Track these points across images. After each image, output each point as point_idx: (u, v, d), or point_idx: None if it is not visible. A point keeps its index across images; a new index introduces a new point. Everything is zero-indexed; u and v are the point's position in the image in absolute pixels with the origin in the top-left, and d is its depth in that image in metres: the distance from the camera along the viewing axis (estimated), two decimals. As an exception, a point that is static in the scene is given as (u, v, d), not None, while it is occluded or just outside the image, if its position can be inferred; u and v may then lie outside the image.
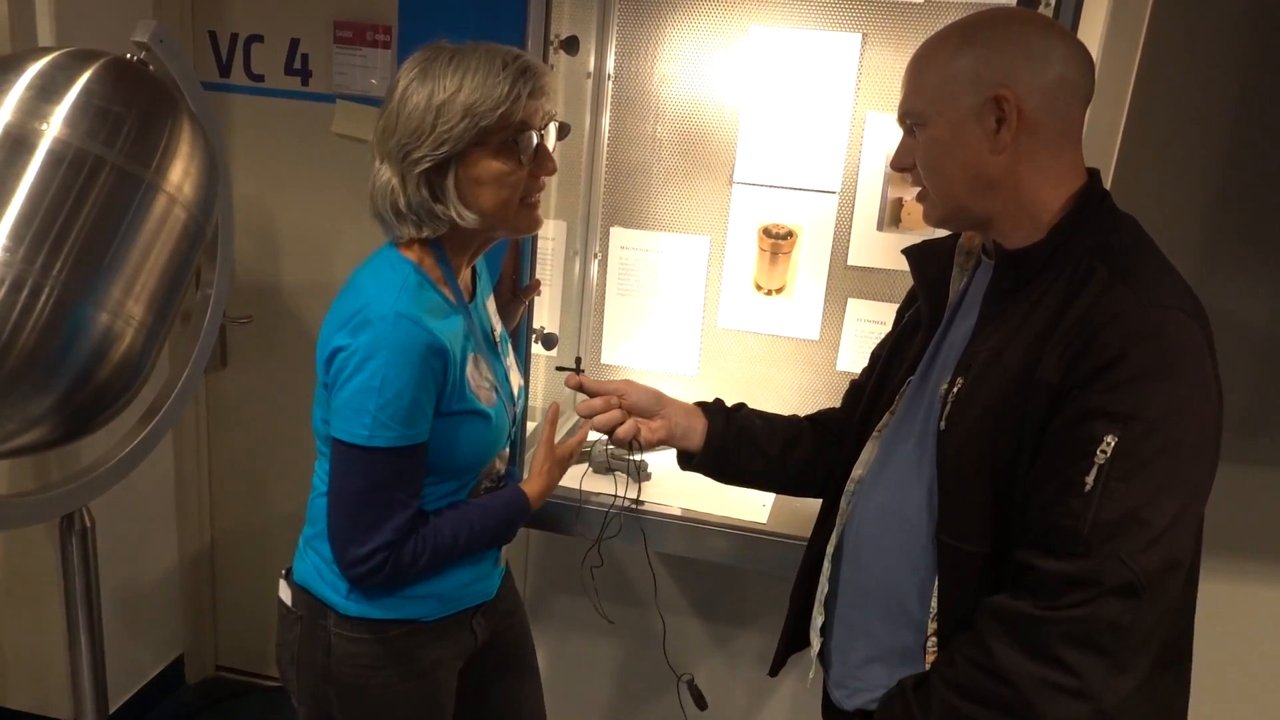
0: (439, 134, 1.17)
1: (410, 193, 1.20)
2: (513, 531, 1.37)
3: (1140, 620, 0.97)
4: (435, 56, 1.20)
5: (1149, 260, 1.06)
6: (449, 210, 1.21)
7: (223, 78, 2.23)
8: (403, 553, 1.22)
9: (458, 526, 1.28)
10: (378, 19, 2.12)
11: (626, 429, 1.35)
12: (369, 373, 1.15)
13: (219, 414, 2.47)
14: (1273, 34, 1.61)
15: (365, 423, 1.16)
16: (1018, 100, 1.03)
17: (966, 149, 1.06)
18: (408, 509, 1.21)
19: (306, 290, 2.34)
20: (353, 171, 2.14)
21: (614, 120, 1.92)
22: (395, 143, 1.19)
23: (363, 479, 1.19)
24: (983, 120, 1.04)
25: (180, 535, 2.50)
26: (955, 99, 1.06)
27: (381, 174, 1.22)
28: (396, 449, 1.17)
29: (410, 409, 1.16)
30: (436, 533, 1.25)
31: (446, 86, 1.17)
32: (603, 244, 1.98)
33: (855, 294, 1.89)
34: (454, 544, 1.27)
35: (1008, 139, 1.04)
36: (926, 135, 1.09)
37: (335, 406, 1.20)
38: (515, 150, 1.21)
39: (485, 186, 1.21)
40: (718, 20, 1.83)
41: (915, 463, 1.17)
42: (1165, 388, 0.96)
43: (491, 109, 1.17)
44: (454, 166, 1.20)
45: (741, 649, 2.16)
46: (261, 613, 2.58)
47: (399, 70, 1.22)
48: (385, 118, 1.21)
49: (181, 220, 1.46)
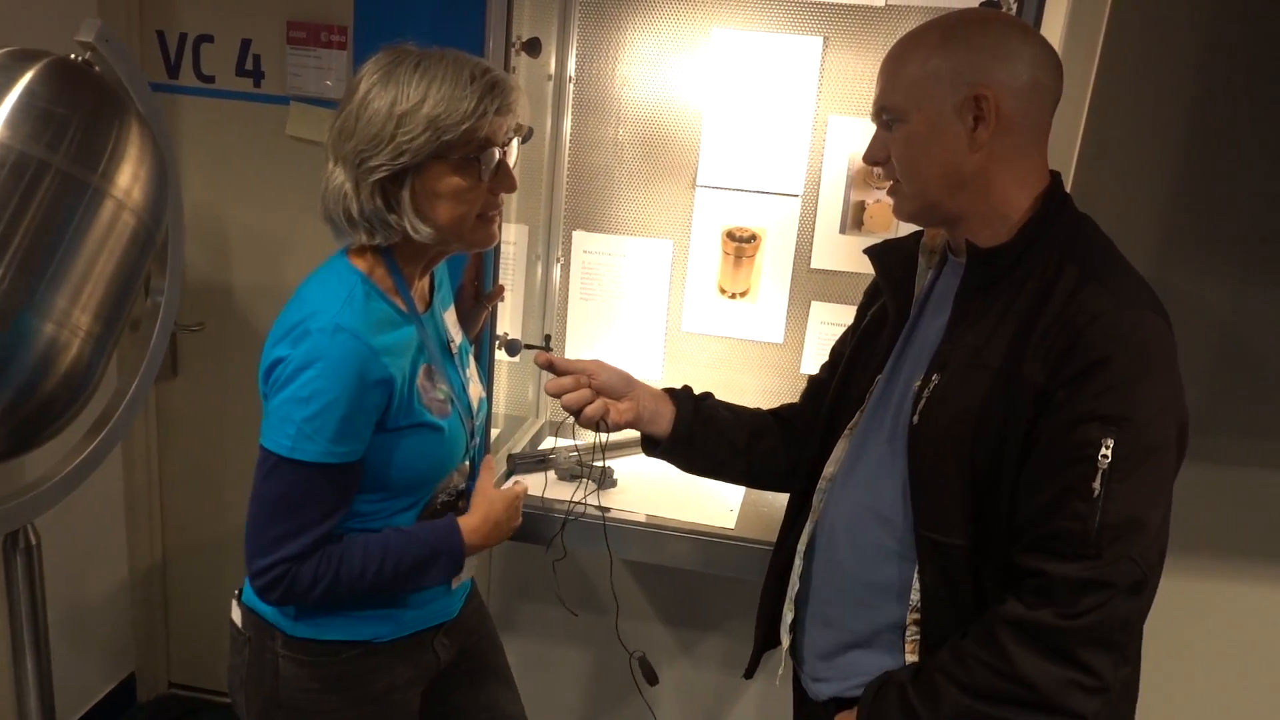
0: (398, 144, 1.12)
1: (364, 200, 1.16)
2: (436, 572, 1.24)
3: (1142, 612, 1.02)
4: (400, 60, 1.15)
5: (1114, 260, 1.09)
6: (403, 221, 1.17)
7: (171, 79, 2.17)
8: (302, 573, 1.16)
9: (369, 559, 1.19)
10: (332, 19, 2.07)
11: (595, 408, 1.33)
12: (300, 383, 1.12)
13: (169, 425, 2.40)
14: (1227, 37, 1.64)
15: (289, 433, 1.12)
16: (996, 100, 1.04)
17: (944, 146, 1.08)
18: (318, 528, 1.16)
19: (259, 296, 2.29)
20: (307, 175, 2.09)
21: (575, 123, 1.90)
22: (351, 148, 1.15)
23: (277, 489, 1.15)
24: (961, 118, 1.06)
25: (130, 550, 2.43)
26: (935, 96, 1.07)
27: (335, 177, 1.17)
28: (318, 465, 1.13)
29: (339, 426, 1.12)
30: (344, 559, 1.18)
31: (410, 95, 1.12)
32: (565, 248, 1.96)
33: (818, 297, 1.90)
34: (362, 575, 1.19)
35: (985, 138, 1.06)
36: (904, 131, 1.10)
37: (265, 414, 1.16)
38: (476, 167, 1.17)
39: (442, 200, 1.17)
40: (679, 23, 1.82)
41: (888, 459, 1.18)
42: (1148, 388, 0.99)
43: (456, 124, 1.13)
44: (411, 177, 1.15)
45: (710, 652, 2.15)
46: (215, 628, 2.50)
47: (360, 70, 1.18)
48: (343, 119, 1.16)
49: (130, 226, 1.41)
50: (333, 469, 1.14)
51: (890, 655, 1.17)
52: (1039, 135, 1.10)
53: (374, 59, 1.18)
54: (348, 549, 1.18)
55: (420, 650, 1.35)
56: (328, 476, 1.15)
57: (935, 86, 1.07)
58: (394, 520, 1.26)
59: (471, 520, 1.29)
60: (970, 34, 1.07)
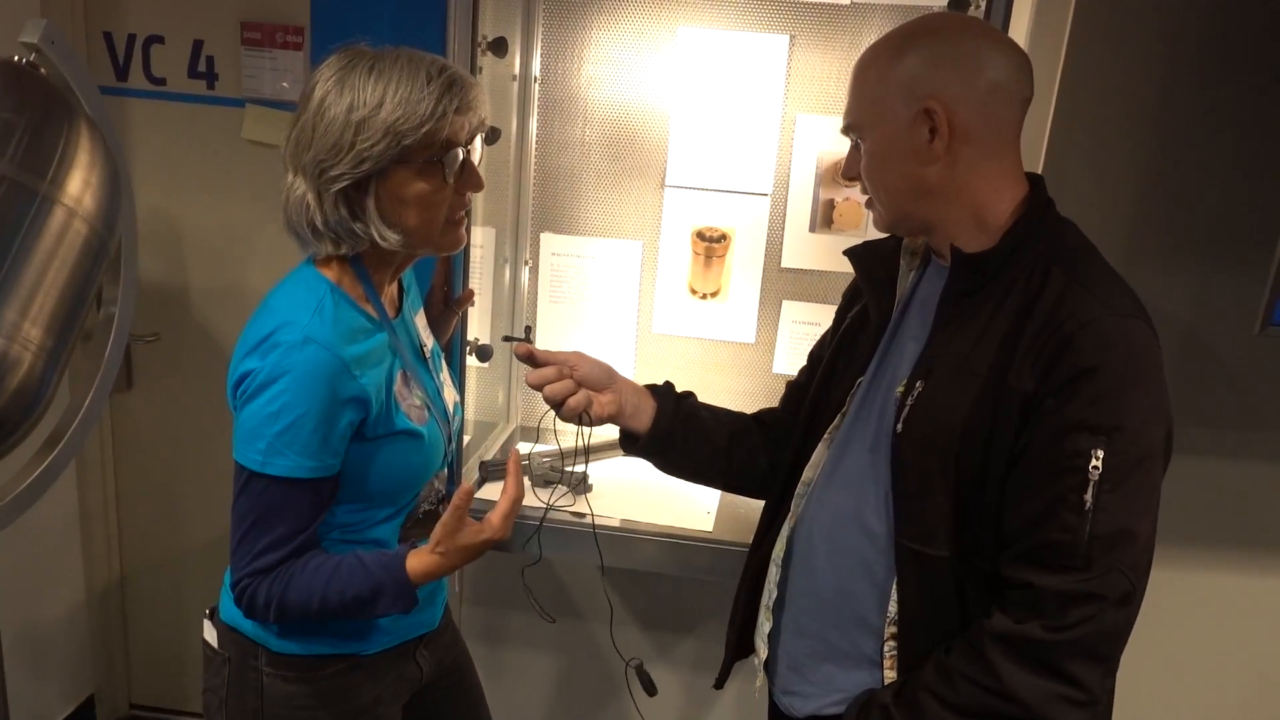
0: (359, 152, 1.09)
1: (327, 210, 1.12)
2: (384, 605, 1.16)
3: (1129, 624, 1.01)
4: (354, 64, 1.12)
5: (1099, 265, 1.09)
6: (369, 230, 1.14)
7: (120, 81, 2.11)
8: (259, 590, 1.14)
9: (313, 586, 1.13)
10: (288, 19, 2.02)
11: (578, 400, 1.30)
12: (268, 397, 1.09)
13: (125, 439, 2.33)
14: (1191, 37, 1.66)
15: (260, 448, 1.10)
16: (948, 111, 1.04)
17: (903, 160, 1.08)
18: (288, 544, 1.13)
19: (217, 304, 2.23)
20: (264, 179, 2.05)
21: (542, 124, 1.88)
22: (311, 158, 1.11)
23: (249, 504, 1.13)
24: (915, 132, 1.06)
25: (87, 569, 2.36)
26: (889, 112, 1.07)
27: (295, 188, 1.14)
28: (289, 480, 1.10)
29: (309, 440, 1.10)
30: (292, 583, 1.13)
31: (367, 100, 1.09)
32: (533, 250, 1.94)
33: (790, 296, 1.89)
34: (308, 601, 1.13)
35: (940, 150, 1.06)
36: (866, 148, 1.11)
37: (236, 427, 1.14)
38: (440, 169, 1.14)
39: (408, 206, 1.14)
40: (645, 22, 1.80)
41: (870, 466, 1.16)
42: (1138, 396, 0.99)
43: (415, 127, 1.10)
44: (374, 184, 1.12)
45: (689, 658, 2.13)
46: (177, 647, 2.46)
47: (314, 75, 1.14)
48: (299, 129, 1.13)
49: (82, 234, 1.36)
50: (304, 484, 1.12)
51: (868, 672, 1.15)
52: (1005, 139, 1.09)
53: (327, 63, 1.14)
54: (299, 571, 1.14)
55: (404, 662, 1.32)
56: (299, 490, 1.12)
57: (890, 101, 1.07)
58: (377, 530, 1.24)
59: (423, 562, 1.17)
60: (924, 44, 1.07)
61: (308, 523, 1.14)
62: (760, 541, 1.36)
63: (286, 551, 1.13)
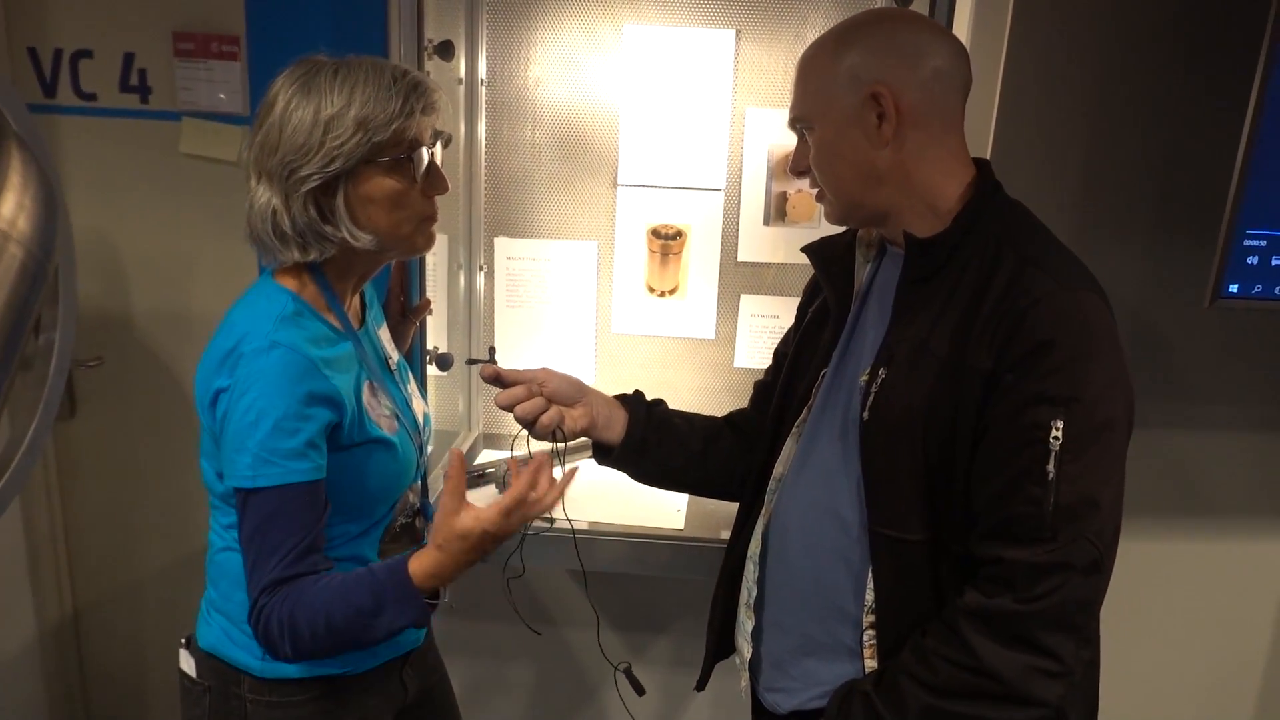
0: (329, 149, 1.09)
1: (296, 213, 1.11)
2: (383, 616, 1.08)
3: (1100, 592, 1.02)
4: (316, 70, 1.12)
5: (1050, 242, 1.11)
6: (340, 232, 1.13)
7: (48, 98, 2.03)
8: (271, 617, 1.07)
9: (318, 606, 1.07)
10: (222, 29, 1.97)
11: (550, 417, 1.29)
12: (244, 408, 1.07)
13: (70, 467, 2.25)
14: (1130, 27, 1.70)
15: (247, 463, 1.07)
16: (894, 95, 1.06)
17: (853, 147, 1.09)
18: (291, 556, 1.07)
19: (162, 324, 2.16)
20: (206, 193, 2.00)
21: (490, 127, 1.85)
22: (278, 160, 1.10)
23: (251, 525, 1.09)
24: (864, 118, 1.08)
25: (37, 603, 2.27)
26: (836, 100, 1.09)
27: (260, 195, 1.12)
28: (281, 488, 1.07)
29: (292, 441, 1.07)
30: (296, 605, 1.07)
31: (334, 101, 1.09)
32: (487, 255, 1.91)
33: (747, 290, 1.90)
34: (315, 622, 1.06)
35: (889, 134, 1.07)
36: (815, 138, 1.12)
37: (221, 449, 1.10)
38: (410, 167, 1.14)
39: (377, 206, 1.14)
40: (590, 20, 1.79)
41: (840, 455, 1.16)
42: (1094, 367, 1.00)
43: (385, 123, 1.10)
44: (344, 185, 1.12)
45: (664, 659, 2.13)
46: (136, 678, 2.38)
47: (272, 86, 1.13)
48: (263, 134, 1.11)
49: (18, 259, 1.31)
50: (298, 489, 1.08)
51: (850, 662, 1.16)
52: (951, 123, 1.11)
53: (286, 73, 1.13)
54: (308, 587, 1.08)
55: (389, 681, 1.30)
56: (295, 495, 1.08)
57: (836, 90, 1.08)
58: (354, 546, 1.21)
59: (426, 562, 1.10)
60: (864, 34, 1.09)
61: (310, 528, 1.10)
62: (735, 540, 1.36)
63: (293, 559, 1.08)
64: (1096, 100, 1.74)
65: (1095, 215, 1.80)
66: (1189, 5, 1.69)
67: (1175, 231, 1.80)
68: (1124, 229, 1.81)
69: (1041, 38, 1.70)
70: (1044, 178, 1.78)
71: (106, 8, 1.96)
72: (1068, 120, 1.75)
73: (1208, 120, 1.73)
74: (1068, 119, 1.75)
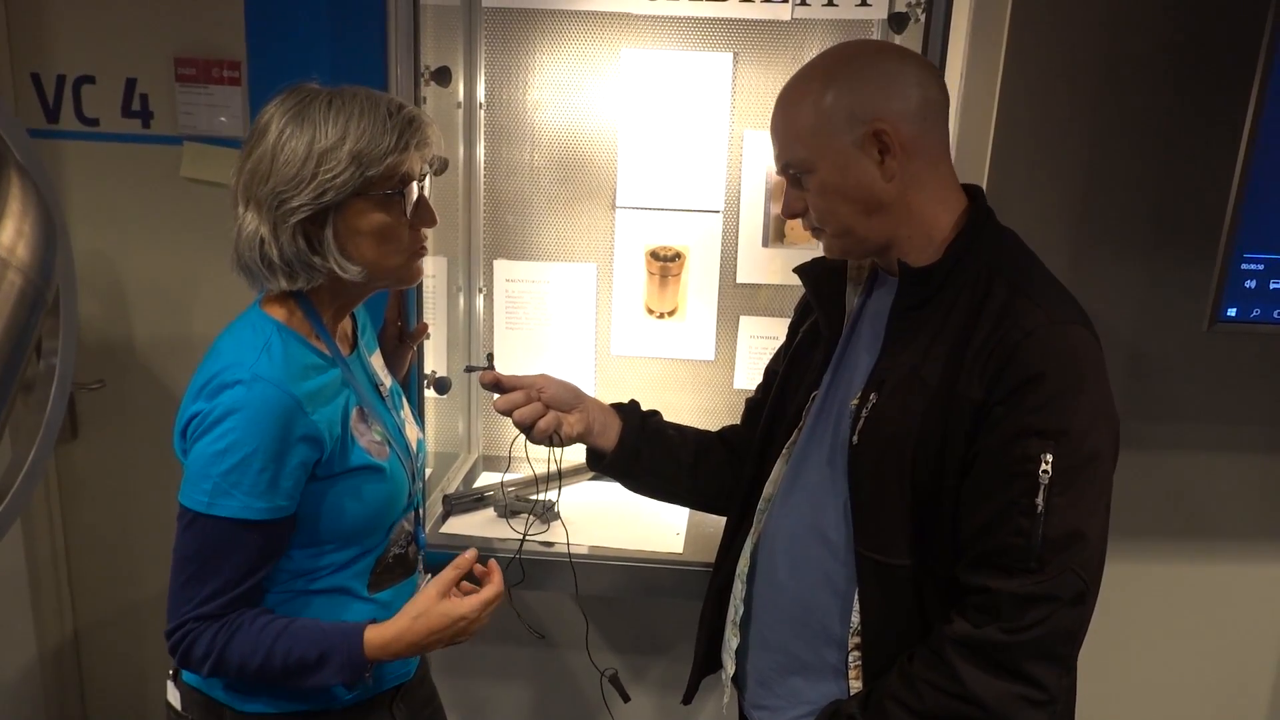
0: (320, 182, 1.08)
1: (284, 243, 1.11)
2: (328, 674, 1.11)
3: (1085, 622, 1.03)
4: (310, 100, 1.11)
5: (1040, 273, 1.11)
6: (327, 262, 1.13)
7: (51, 124, 2.04)
8: (200, 639, 1.09)
9: (258, 646, 1.09)
10: (224, 54, 1.98)
11: (547, 422, 1.30)
12: (215, 435, 1.07)
13: (72, 491, 2.25)
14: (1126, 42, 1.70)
15: (205, 488, 1.07)
16: (895, 129, 1.06)
17: (857, 185, 1.09)
18: (234, 590, 1.09)
19: (163, 347, 2.17)
20: (206, 217, 2.00)
21: (489, 150, 1.86)
22: (269, 190, 1.10)
23: (192, 546, 1.09)
24: (867, 153, 1.07)
25: (38, 628, 2.26)
26: (835, 139, 1.07)
27: (248, 223, 1.12)
28: (237, 521, 1.07)
29: (258, 479, 1.07)
30: (236, 636, 1.09)
31: (329, 133, 1.09)
32: (486, 278, 1.92)
33: (746, 311, 1.90)
34: (250, 657, 1.09)
35: (895, 168, 1.07)
36: (815, 181, 1.11)
37: (185, 471, 1.10)
38: (400, 202, 1.14)
39: (366, 238, 1.13)
40: (588, 45, 1.80)
41: (828, 478, 1.17)
42: (1083, 400, 1.01)
43: (380, 158, 1.10)
44: (332, 217, 1.11)
45: (656, 676, 2.12)
46: (137, 704, 2.37)
47: (263, 113, 1.13)
48: (254, 163, 1.11)
49: (17, 286, 1.32)
50: (252, 526, 1.08)
51: (834, 682, 1.16)
52: (941, 150, 1.12)
53: (278, 101, 1.13)
54: (246, 625, 1.10)
55: (377, 714, 1.28)
56: (247, 533, 1.08)
57: (833, 130, 1.07)
58: (340, 576, 1.20)
59: (387, 630, 1.14)
60: (850, 70, 1.08)
61: (256, 569, 1.10)
62: (723, 558, 1.36)
63: (232, 597, 1.09)
64: (1093, 122, 1.74)
65: (1092, 237, 1.80)
66: (1185, 28, 1.69)
67: (1173, 253, 1.80)
68: (1121, 251, 1.81)
69: (1038, 59, 1.70)
70: (1041, 200, 1.77)
71: (109, 34, 1.97)
72: (1064, 141, 1.75)
73: (1204, 142, 1.73)
74: (1064, 140, 1.75)
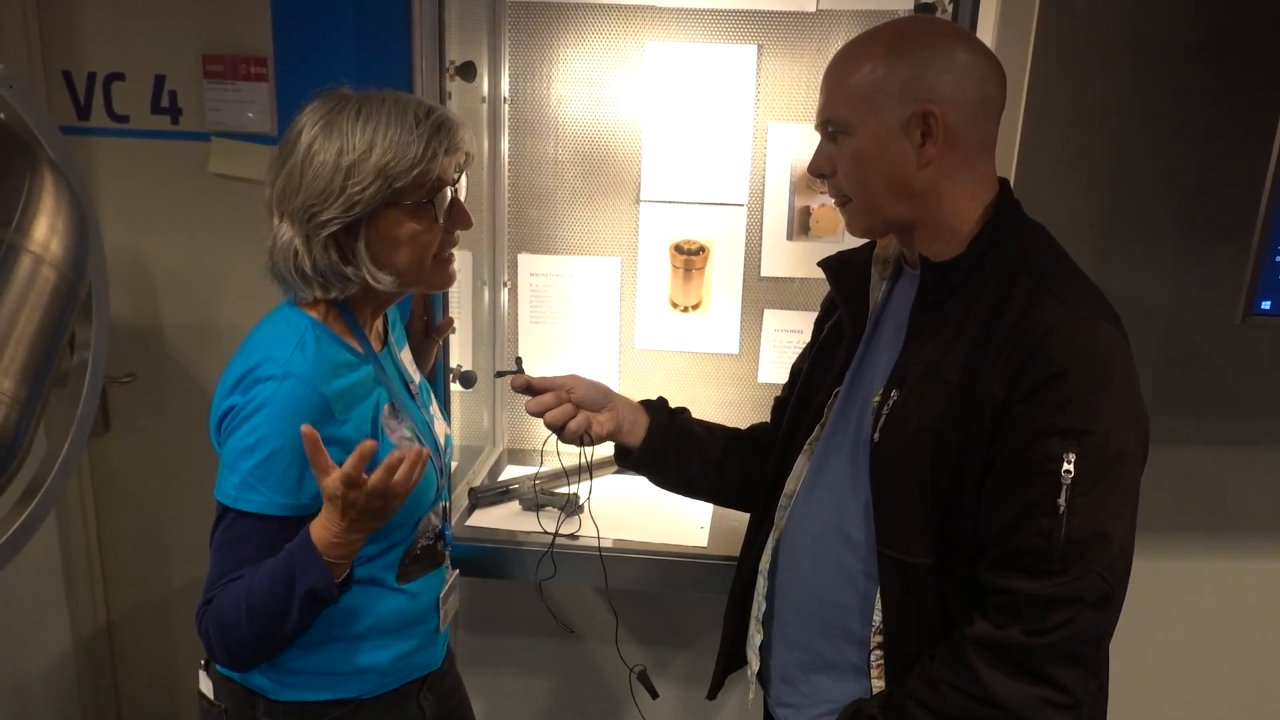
0: (349, 196, 1.08)
1: (317, 255, 1.12)
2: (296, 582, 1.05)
3: (1110, 625, 1.01)
4: (339, 108, 1.11)
5: (1066, 268, 1.09)
6: (360, 272, 1.14)
7: (82, 120, 2.07)
8: (200, 628, 1.11)
9: (238, 589, 1.08)
10: (251, 50, 2.00)
11: (578, 423, 1.31)
12: (245, 430, 1.08)
13: (105, 482, 2.29)
14: (1155, 34, 1.67)
15: (234, 482, 1.09)
16: (944, 116, 1.03)
17: (892, 162, 1.06)
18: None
19: (193, 340, 2.20)
20: (234, 212, 2.02)
21: (513, 145, 1.87)
22: (300, 204, 1.10)
23: (221, 540, 1.11)
24: (908, 133, 1.04)
25: (72, 618, 2.30)
26: (881, 110, 1.05)
27: (282, 234, 1.13)
28: (260, 516, 1.08)
29: (285, 474, 1.08)
30: (222, 594, 1.08)
31: (356, 145, 1.09)
32: (511, 272, 1.92)
33: (771, 305, 1.89)
34: (237, 605, 1.07)
35: (933, 154, 1.04)
36: (851, 145, 1.08)
37: (220, 463, 1.12)
38: (431, 209, 1.14)
39: (399, 246, 1.14)
40: (612, 38, 1.80)
41: (850, 476, 1.16)
42: (1107, 399, 0.99)
43: (407, 169, 1.10)
44: (364, 227, 1.12)
45: (682, 671, 2.12)
46: (170, 693, 2.41)
47: (296, 121, 1.14)
48: (285, 176, 1.12)
49: (51, 281, 1.34)
50: (275, 522, 1.09)
51: (856, 681, 1.15)
52: (986, 146, 1.09)
53: (310, 108, 1.14)
54: (222, 591, 1.09)
55: (405, 704, 1.30)
56: (270, 528, 1.09)
57: (882, 100, 1.04)
58: (370, 568, 1.21)
59: (317, 524, 1.07)
60: (917, 46, 1.05)
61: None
62: (746, 554, 1.36)
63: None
64: (1122, 113, 1.72)
65: (1123, 229, 1.77)
66: (1215, 18, 1.66)
67: (1206, 245, 1.77)
68: (1153, 243, 1.78)
69: (1066, 50, 1.68)
70: (1070, 192, 1.75)
71: (138, 32, 2.00)
72: (1093, 134, 1.72)
73: (1237, 133, 1.70)
74: (1093, 132, 1.72)
